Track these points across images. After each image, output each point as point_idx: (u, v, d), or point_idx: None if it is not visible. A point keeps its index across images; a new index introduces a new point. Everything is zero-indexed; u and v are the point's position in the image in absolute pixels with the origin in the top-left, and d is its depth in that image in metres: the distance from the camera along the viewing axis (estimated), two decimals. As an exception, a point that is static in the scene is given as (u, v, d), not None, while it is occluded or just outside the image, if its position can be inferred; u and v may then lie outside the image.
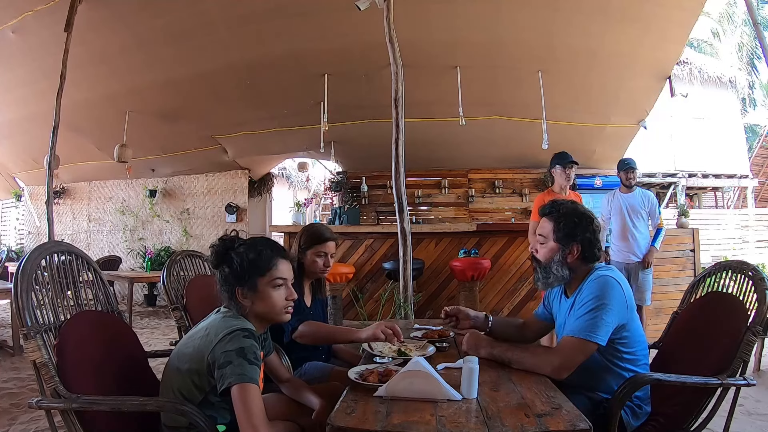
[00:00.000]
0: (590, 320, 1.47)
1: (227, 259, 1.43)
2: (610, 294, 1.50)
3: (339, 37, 5.15)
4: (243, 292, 1.41)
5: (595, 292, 1.52)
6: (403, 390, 1.23)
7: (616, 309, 1.49)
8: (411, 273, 3.74)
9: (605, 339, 1.47)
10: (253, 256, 1.43)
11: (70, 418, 1.29)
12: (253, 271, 1.42)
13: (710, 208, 10.69)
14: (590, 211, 1.72)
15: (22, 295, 1.30)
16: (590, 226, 1.66)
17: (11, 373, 3.67)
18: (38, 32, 5.12)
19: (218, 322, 1.37)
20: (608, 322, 1.47)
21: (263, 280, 1.42)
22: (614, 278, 1.55)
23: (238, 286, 1.41)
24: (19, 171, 8.89)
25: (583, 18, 4.87)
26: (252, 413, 1.20)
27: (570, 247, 1.65)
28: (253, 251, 1.43)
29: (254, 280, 1.41)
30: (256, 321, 1.43)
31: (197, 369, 1.31)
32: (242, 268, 1.41)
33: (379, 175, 8.15)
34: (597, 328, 1.46)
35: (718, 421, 1.52)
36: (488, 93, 6.07)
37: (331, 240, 2.07)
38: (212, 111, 6.68)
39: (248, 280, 1.41)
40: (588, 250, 1.65)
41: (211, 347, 1.29)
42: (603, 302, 1.48)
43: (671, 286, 5.01)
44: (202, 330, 1.38)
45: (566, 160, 3.87)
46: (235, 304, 1.42)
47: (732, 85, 9.75)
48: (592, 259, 1.66)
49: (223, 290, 1.44)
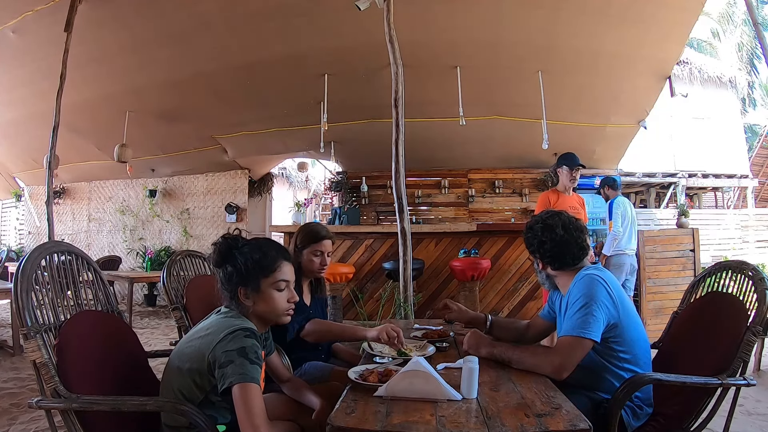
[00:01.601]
0: (581, 318, 1.50)
1: (231, 258, 1.42)
2: (595, 291, 1.53)
3: (339, 37, 5.15)
4: (246, 293, 1.41)
5: (581, 291, 1.55)
6: (403, 390, 1.23)
7: (603, 305, 1.52)
8: (411, 273, 3.74)
9: (598, 334, 1.49)
10: (258, 257, 1.42)
11: (70, 418, 1.29)
12: (257, 271, 1.41)
13: (710, 208, 10.68)
14: (556, 219, 1.72)
15: (22, 295, 1.30)
16: (550, 235, 1.69)
17: (11, 373, 3.66)
18: (38, 32, 5.12)
19: (219, 321, 1.37)
20: (598, 318, 1.50)
21: (267, 281, 1.42)
22: (598, 276, 1.59)
23: (241, 285, 1.41)
24: (19, 171, 8.89)
25: (584, 18, 4.87)
26: (253, 413, 1.20)
27: (536, 257, 1.76)
28: (258, 252, 1.43)
29: (258, 280, 1.41)
30: (257, 321, 1.43)
31: (198, 368, 1.31)
32: (246, 268, 1.41)
33: (379, 175, 8.15)
34: (588, 324, 1.48)
35: (718, 421, 1.52)
36: (488, 93, 6.07)
37: (327, 238, 2.07)
38: (212, 111, 6.68)
39: (252, 281, 1.41)
40: (553, 256, 1.70)
41: (212, 346, 1.29)
42: (590, 300, 1.52)
43: (671, 286, 5.01)
44: (203, 329, 1.38)
45: (575, 162, 3.80)
46: (237, 304, 1.42)
47: (732, 85, 9.74)
48: (564, 264, 1.70)
49: (224, 289, 1.44)
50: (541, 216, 1.77)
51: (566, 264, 1.70)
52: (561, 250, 1.69)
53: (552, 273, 1.75)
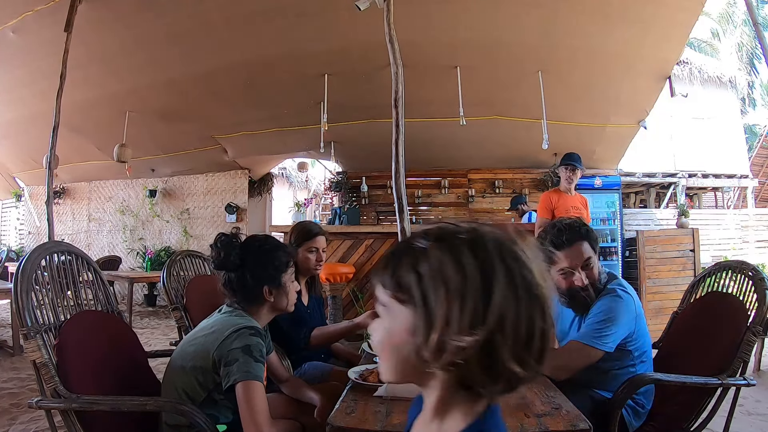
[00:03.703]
0: (598, 329, 1.50)
1: (249, 261, 1.43)
2: (620, 310, 1.53)
3: (339, 37, 5.15)
4: (270, 290, 1.44)
5: (608, 304, 1.54)
6: (403, 390, 1.22)
7: (624, 326, 1.52)
8: (411, 273, 3.73)
9: (613, 347, 1.49)
10: (281, 254, 1.47)
11: (70, 418, 1.29)
12: (280, 269, 1.46)
13: (710, 208, 10.67)
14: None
15: (22, 295, 1.30)
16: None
17: (11, 373, 3.66)
18: (38, 32, 5.12)
19: (224, 320, 1.38)
20: (616, 333, 1.50)
21: (286, 275, 1.47)
22: (625, 292, 1.58)
23: (266, 285, 1.44)
24: (19, 171, 8.88)
25: (583, 18, 4.87)
26: (256, 411, 1.20)
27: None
28: (276, 250, 1.48)
29: (280, 277, 1.46)
30: (267, 315, 1.47)
31: (202, 366, 1.31)
32: (275, 267, 1.45)
33: (379, 175, 8.14)
34: (603, 336, 1.48)
35: (718, 421, 1.52)
36: (488, 93, 6.06)
37: (320, 234, 2.10)
38: (212, 111, 6.68)
39: (276, 279, 1.45)
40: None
41: (218, 344, 1.29)
42: (612, 316, 1.51)
43: (671, 286, 5.01)
44: (207, 328, 1.38)
45: (566, 160, 3.86)
46: (250, 302, 1.43)
47: (732, 85, 9.74)
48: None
49: (240, 290, 1.44)
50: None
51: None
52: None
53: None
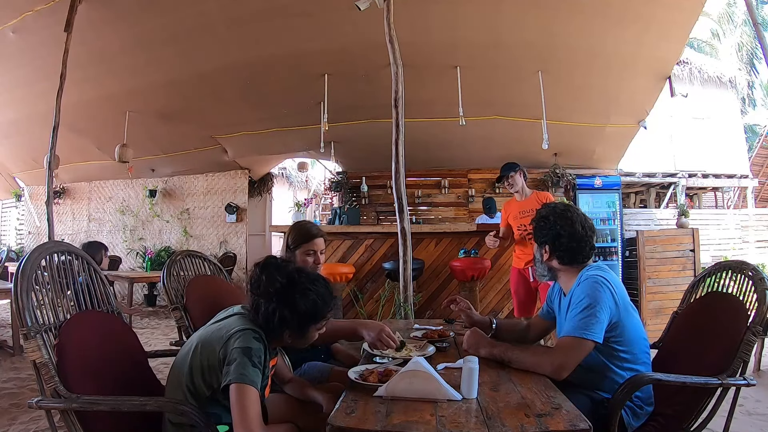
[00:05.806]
0: (584, 319, 1.50)
1: (291, 302, 1.33)
2: (599, 293, 1.52)
3: (339, 37, 5.15)
4: (291, 335, 1.37)
5: (585, 292, 1.55)
6: (403, 390, 1.23)
7: (607, 306, 1.51)
8: (411, 273, 3.74)
9: (601, 336, 1.49)
10: (323, 308, 1.36)
11: (70, 418, 1.29)
12: (312, 320, 1.36)
13: (710, 208, 10.66)
14: (574, 213, 1.70)
15: (22, 295, 1.30)
16: (568, 230, 1.67)
17: (11, 373, 3.66)
18: (38, 32, 5.12)
19: (234, 320, 1.38)
20: (601, 320, 1.49)
21: (316, 326, 1.38)
22: (603, 277, 1.57)
23: (289, 329, 1.35)
24: (19, 171, 8.89)
25: (583, 18, 4.87)
26: (247, 415, 1.19)
27: (543, 247, 1.73)
28: (320, 299, 1.35)
29: (308, 327, 1.37)
30: (277, 343, 1.42)
31: (209, 363, 1.31)
32: (310, 318, 1.35)
33: (379, 175, 8.14)
34: (591, 326, 1.48)
35: (718, 421, 1.52)
36: (488, 93, 6.06)
37: (318, 237, 2.02)
38: (212, 111, 6.68)
39: (303, 328, 1.36)
40: (566, 251, 1.67)
41: (223, 342, 1.30)
42: (593, 301, 1.51)
43: (671, 286, 5.01)
44: (215, 327, 1.38)
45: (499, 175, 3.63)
46: (266, 331, 1.34)
47: (732, 85, 9.73)
48: (574, 261, 1.68)
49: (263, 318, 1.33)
50: (559, 207, 1.74)
51: (576, 261, 1.68)
52: (576, 247, 1.67)
53: (557, 267, 1.72)
